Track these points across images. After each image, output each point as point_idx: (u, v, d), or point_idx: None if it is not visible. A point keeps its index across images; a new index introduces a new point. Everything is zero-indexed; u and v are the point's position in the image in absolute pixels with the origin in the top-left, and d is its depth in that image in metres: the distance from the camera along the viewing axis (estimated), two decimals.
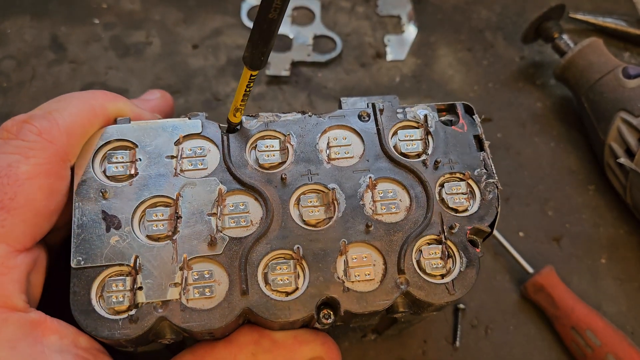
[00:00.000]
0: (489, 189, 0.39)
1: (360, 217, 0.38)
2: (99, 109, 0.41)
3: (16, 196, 0.35)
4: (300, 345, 0.38)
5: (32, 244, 0.37)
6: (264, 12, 0.31)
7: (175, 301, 0.34)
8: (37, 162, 0.37)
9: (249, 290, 0.35)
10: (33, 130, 0.37)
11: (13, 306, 0.34)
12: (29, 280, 0.37)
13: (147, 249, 0.36)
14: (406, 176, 0.40)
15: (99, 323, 0.34)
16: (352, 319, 0.37)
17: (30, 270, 0.37)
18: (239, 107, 0.39)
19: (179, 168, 0.39)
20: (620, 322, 0.58)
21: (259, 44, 0.33)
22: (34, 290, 0.38)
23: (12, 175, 0.36)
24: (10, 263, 0.35)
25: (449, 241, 0.38)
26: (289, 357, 0.38)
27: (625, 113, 0.61)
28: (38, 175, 0.36)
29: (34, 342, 0.34)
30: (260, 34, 0.32)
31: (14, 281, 0.35)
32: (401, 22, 0.78)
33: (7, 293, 0.34)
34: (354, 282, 0.36)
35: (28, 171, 0.36)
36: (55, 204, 0.37)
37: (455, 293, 0.37)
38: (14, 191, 0.35)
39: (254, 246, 0.36)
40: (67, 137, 0.38)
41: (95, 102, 0.41)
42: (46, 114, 0.39)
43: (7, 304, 0.34)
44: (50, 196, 0.37)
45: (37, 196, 0.36)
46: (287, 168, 0.40)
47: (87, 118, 0.40)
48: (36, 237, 0.37)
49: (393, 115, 0.42)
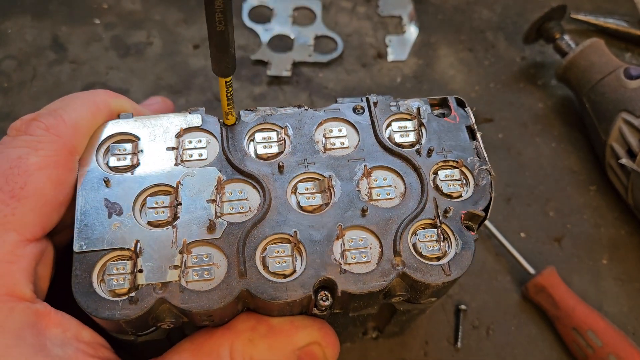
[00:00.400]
0: (482, 176, 0.42)
1: (356, 202, 0.40)
2: (102, 104, 0.44)
3: (26, 185, 0.38)
4: (297, 330, 0.40)
5: (42, 235, 0.39)
6: (211, 26, 0.34)
7: (174, 283, 0.37)
8: (45, 154, 0.39)
9: (247, 272, 0.37)
10: (40, 126, 0.40)
11: (20, 295, 0.36)
12: (37, 272, 0.39)
13: (147, 234, 0.38)
14: (400, 164, 0.42)
15: (100, 304, 0.36)
16: (350, 303, 0.39)
17: (38, 261, 0.39)
18: (228, 111, 0.42)
19: (179, 159, 0.42)
20: (621, 323, 0.60)
21: (219, 55, 0.36)
22: (41, 282, 0.40)
23: (22, 166, 0.38)
24: (19, 252, 0.37)
25: (444, 225, 0.40)
26: (286, 342, 0.40)
27: (627, 114, 0.63)
28: (47, 166, 0.39)
29: (38, 333, 0.36)
30: (216, 46, 0.36)
31: (23, 270, 0.37)
32: (402, 22, 0.81)
33: (14, 282, 0.36)
34: (351, 264, 0.38)
35: (37, 162, 0.39)
36: (64, 196, 0.40)
37: (451, 273, 0.38)
38: (24, 181, 0.38)
39: (252, 230, 0.39)
40: (74, 131, 0.41)
41: (98, 99, 0.44)
42: (52, 111, 0.41)
43: (14, 292, 0.36)
44: (59, 187, 0.39)
45: (46, 186, 0.38)
46: (284, 158, 0.42)
47: (91, 113, 0.43)
48: (45, 228, 0.39)
49: (387, 108, 0.45)
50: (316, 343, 0.41)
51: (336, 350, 0.43)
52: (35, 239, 0.38)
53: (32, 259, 0.38)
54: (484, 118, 0.73)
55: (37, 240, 0.38)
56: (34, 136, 0.40)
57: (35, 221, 0.38)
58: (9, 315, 0.35)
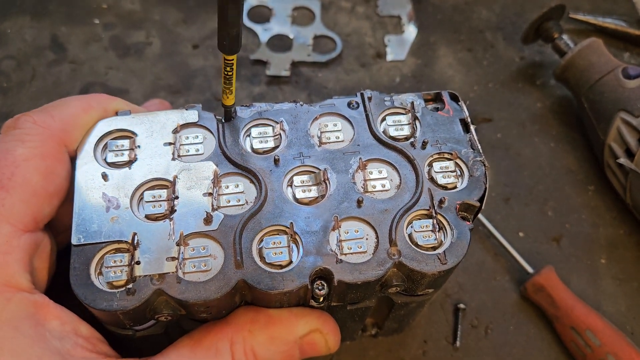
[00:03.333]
0: (476, 167, 0.43)
1: (351, 194, 0.41)
2: (95, 103, 0.45)
3: (13, 176, 0.38)
4: (297, 318, 0.41)
5: (35, 226, 0.39)
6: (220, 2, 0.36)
7: (171, 274, 0.37)
8: (32, 145, 0.40)
9: (243, 263, 0.38)
10: (29, 120, 0.41)
11: (17, 285, 0.37)
12: (33, 264, 0.39)
13: (145, 227, 0.39)
14: (395, 157, 0.43)
15: (97, 295, 0.37)
16: (347, 293, 0.40)
17: (34, 252, 0.39)
18: (225, 89, 0.43)
19: (176, 154, 0.43)
20: (619, 322, 0.60)
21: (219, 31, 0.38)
22: (39, 274, 0.40)
23: (9, 158, 0.39)
24: (14, 243, 0.38)
25: (440, 215, 0.41)
26: (287, 331, 0.40)
27: (625, 113, 0.64)
28: (34, 157, 0.40)
29: (37, 324, 0.36)
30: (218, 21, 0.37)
31: (18, 261, 0.38)
32: (401, 22, 0.82)
33: (11, 272, 0.37)
34: (347, 254, 0.39)
35: (24, 153, 0.39)
36: (55, 186, 0.41)
37: (447, 262, 0.39)
38: (11, 172, 0.39)
39: (248, 222, 0.40)
40: (62, 124, 0.42)
41: (93, 98, 0.45)
42: (42, 108, 0.43)
43: (10, 282, 0.37)
44: (48, 177, 0.40)
45: (33, 177, 0.39)
46: (280, 152, 0.43)
47: (82, 109, 0.44)
48: (37, 218, 0.40)
49: (381, 103, 0.46)
50: (317, 330, 0.41)
51: (337, 337, 0.43)
52: (28, 230, 0.39)
53: (27, 250, 0.38)
54: (482, 118, 0.74)
55: (30, 231, 0.39)
56: (22, 129, 0.41)
57: (25, 211, 0.39)
58: (5, 306, 0.36)
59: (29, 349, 0.35)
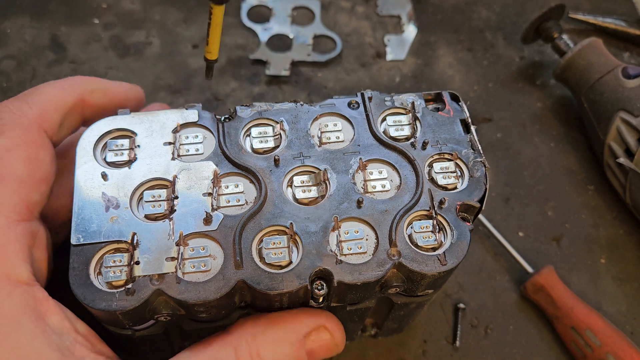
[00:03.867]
0: (476, 167, 0.43)
1: (351, 194, 0.41)
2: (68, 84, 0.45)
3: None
4: (299, 317, 0.40)
5: (29, 215, 0.39)
6: None
7: (171, 274, 0.37)
8: (13, 135, 0.40)
9: (243, 263, 0.38)
10: (5, 110, 0.41)
11: (17, 277, 0.37)
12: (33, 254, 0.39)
13: (144, 227, 0.39)
14: (396, 157, 0.43)
15: (97, 295, 0.37)
16: (347, 294, 0.40)
17: (32, 243, 0.39)
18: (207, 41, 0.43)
19: (176, 153, 0.43)
20: (620, 322, 0.60)
21: None
22: (40, 265, 0.40)
23: None
24: (10, 234, 0.38)
25: (440, 216, 0.41)
26: (291, 330, 0.40)
27: (625, 113, 0.63)
28: (16, 146, 0.40)
29: (37, 318, 0.36)
30: None
31: (17, 252, 0.38)
32: (401, 22, 0.82)
33: (10, 263, 0.37)
34: (347, 255, 0.39)
35: (5, 144, 0.40)
36: (40, 173, 0.41)
37: (447, 263, 0.39)
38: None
39: (248, 222, 0.40)
40: (39, 110, 0.42)
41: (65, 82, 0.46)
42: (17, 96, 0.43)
43: (11, 274, 0.37)
44: (33, 165, 0.40)
45: (18, 166, 0.39)
46: (280, 152, 0.43)
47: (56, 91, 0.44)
48: (29, 207, 0.40)
49: (381, 103, 0.46)
50: (322, 327, 0.41)
51: (343, 333, 0.43)
52: (22, 219, 0.39)
53: (25, 240, 0.38)
54: (482, 118, 0.74)
55: (25, 220, 0.39)
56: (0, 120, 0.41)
57: (16, 201, 0.39)
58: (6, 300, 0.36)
59: (29, 344, 0.35)
